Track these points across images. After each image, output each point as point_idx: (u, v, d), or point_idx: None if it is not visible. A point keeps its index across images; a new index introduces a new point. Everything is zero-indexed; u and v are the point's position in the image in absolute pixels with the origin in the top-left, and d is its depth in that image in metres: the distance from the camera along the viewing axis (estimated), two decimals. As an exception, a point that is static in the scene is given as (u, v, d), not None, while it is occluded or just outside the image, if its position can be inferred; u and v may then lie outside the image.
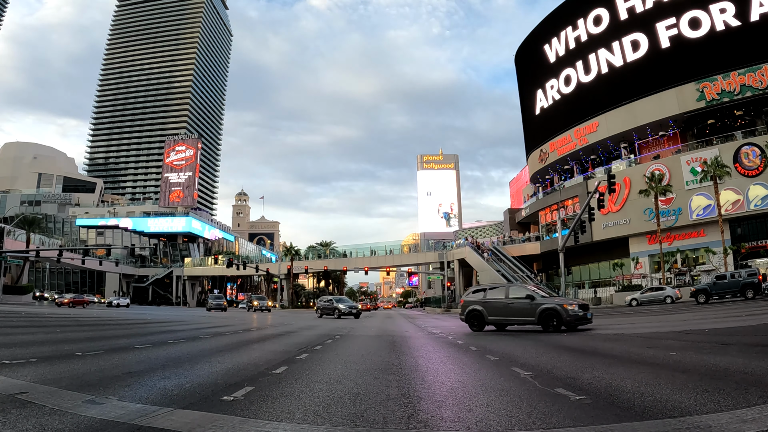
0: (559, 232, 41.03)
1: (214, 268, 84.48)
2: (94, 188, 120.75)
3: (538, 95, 60.20)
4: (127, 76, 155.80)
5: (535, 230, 61.55)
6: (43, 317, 23.84)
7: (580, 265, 53.22)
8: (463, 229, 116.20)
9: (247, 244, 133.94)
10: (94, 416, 3.95)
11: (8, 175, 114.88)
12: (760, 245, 38.11)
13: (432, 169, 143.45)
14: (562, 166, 56.91)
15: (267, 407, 4.40)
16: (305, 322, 25.10)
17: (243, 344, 11.54)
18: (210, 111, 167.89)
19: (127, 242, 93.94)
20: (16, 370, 6.17)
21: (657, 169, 41.83)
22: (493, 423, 3.82)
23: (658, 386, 4.99)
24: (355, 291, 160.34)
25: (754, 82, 39.82)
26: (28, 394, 4.73)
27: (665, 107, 44.42)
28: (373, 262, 67.44)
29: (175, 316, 30.74)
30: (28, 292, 53.53)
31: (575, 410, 4.15)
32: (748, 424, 3.48)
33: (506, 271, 52.66)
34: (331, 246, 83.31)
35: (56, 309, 38.12)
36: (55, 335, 13.04)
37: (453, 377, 6.23)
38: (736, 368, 5.86)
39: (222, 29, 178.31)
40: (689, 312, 21.08)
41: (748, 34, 40.73)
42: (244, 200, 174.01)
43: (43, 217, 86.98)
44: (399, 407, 4.41)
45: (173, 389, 5.23)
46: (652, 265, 43.24)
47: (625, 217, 44.99)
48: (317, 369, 6.98)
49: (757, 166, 37.96)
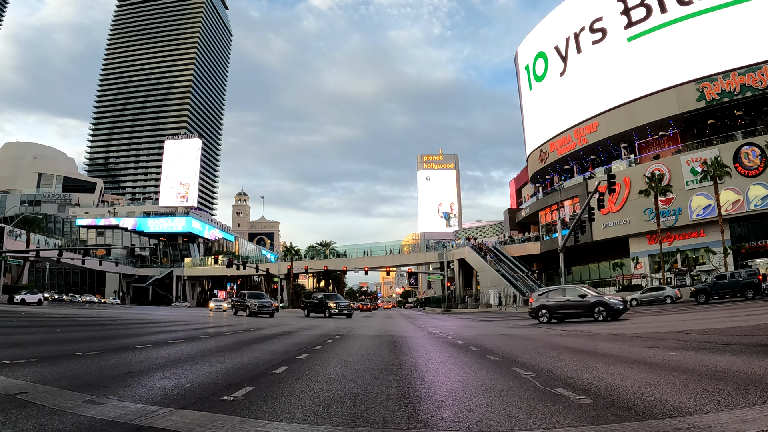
0: (559, 232, 41.04)
1: (214, 268, 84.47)
2: (94, 188, 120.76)
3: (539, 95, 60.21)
4: (127, 76, 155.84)
5: (535, 230, 61.57)
6: (43, 317, 23.83)
7: (580, 265, 53.22)
8: (463, 229, 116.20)
9: (247, 244, 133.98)
10: (94, 416, 3.95)
11: (8, 175, 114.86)
12: (760, 245, 38.10)
13: (432, 169, 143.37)
14: (562, 166, 56.92)
15: (267, 407, 4.40)
16: (305, 322, 25.10)
17: (243, 344, 11.54)
18: (210, 111, 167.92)
19: (127, 242, 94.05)
20: (16, 370, 6.17)
21: (657, 169, 41.82)
22: (493, 423, 3.82)
23: (658, 386, 4.99)
24: (355, 291, 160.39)
25: (754, 82, 39.81)
26: (28, 394, 4.72)
27: (665, 107, 44.42)
28: (373, 262, 67.45)
29: (175, 316, 30.75)
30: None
31: (575, 410, 4.14)
32: (748, 424, 3.48)
33: (506, 271, 52.68)
34: (331, 246, 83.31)
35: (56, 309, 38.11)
36: (55, 335, 13.04)
37: (453, 377, 6.23)
38: (736, 368, 5.86)
39: (222, 29, 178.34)
40: (689, 312, 21.08)
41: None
42: (244, 200, 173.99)
43: (43, 217, 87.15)
44: (399, 407, 4.41)
45: (173, 389, 5.23)
46: (652, 265, 43.23)
47: (625, 217, 44.98)
48: (317, 369, 6.97)
49: (757, 166, 37.95)
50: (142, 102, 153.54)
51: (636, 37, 47.52)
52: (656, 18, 45.92)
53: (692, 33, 43.39)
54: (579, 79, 53.20)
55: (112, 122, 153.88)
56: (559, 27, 56.51)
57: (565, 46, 55.31)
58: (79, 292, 76.47)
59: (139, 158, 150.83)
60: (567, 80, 55.12)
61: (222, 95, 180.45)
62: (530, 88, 62.77)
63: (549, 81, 58.33)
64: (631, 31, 48.04)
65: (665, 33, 45.21)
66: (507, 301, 48.79)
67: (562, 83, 55.90)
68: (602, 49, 50.71)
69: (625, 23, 48.49)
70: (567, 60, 55.20)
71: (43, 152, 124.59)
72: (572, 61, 54.37)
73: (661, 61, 45.25)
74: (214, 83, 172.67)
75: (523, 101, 65.72)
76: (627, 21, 48.35)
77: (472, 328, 18.55)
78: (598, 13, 51.19)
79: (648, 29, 46.53)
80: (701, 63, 42.49)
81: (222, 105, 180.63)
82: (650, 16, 46.35)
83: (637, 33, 47.50)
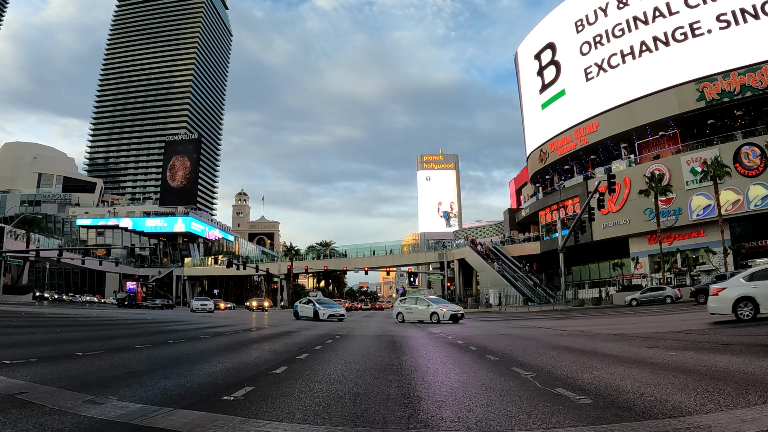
0: (559, 232, 41.09)
1: (214, 268, 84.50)
2: (94, 188, 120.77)
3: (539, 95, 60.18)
4: (127, 76, 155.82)
5: (535, 230, 61.57)
6: (43, 317, 23.84)
7: (580, 265, 53.24)
8: (463, 229, 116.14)
9: (247, 244, 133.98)
10: (94, 416, 3.95)
11: (8, 175, 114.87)
12: (760, 245, 38.10)
13: (432, 169, 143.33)
14: (562, 166, 56.91)
15: (267, 407, 4.40)
16: (305, 322, 25.10)
17: (243, 344, 11.54)
18: (210, 111, 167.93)
19: (127, 242, 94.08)
20: (16, 370, 6.17)
21: (657, 169, 41.82)
22: (493, 423, 3.82)
23: (658, 386, 4.99)
24: (355, 291, 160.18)
25: (754, 82, 39.82)
26: (28, 394, 4.73)
27: (665, 107, 44.43)
28: (373, 262, 67.44)
29: (175, 316, 30.76)
30: (28, 292, 53.47)
31: (575, 410, 4.14)
32: (748, 424, 3.48)
33: (506, 271, 52.71)
34: (331, 246, 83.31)
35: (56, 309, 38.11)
36: (55, 335, 13.04)
37: (453, 377, 6.23)
38: (736, 368, 5.86)
39: (222, 29, 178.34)
40: (689, 312, 21.06)
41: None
42: (244, 200, 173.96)
43: (43, 217, 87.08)
44: (399, 407, 4.41)
45: (173, 389, 5.23)
46: (652, 265, 43.23)
47: (625, 217, 44.98)
48: (317, 369, 6.97)
49: (757, 166, 37.95)
50: (142, 102, 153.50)
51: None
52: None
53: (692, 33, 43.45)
54: (579, 78, 53.18)
55: (112, 122, 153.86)
56: (560, 27, 56.51)
57: (566, 45, 55.30)
58: (79, 292, 76.46)
59: (139, 158, 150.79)
60: (567, 80, 55.09)
61: (222, 95, 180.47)
62: (530, 87, 62.76)
63: (549, 81, 58.28)
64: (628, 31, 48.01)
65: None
66: (507, 301, 48.82)
67: (562, 83, 55.88)
68: (601, 47, 50.68)
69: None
70: (567, 60, 55.18)
71: (43, 152, 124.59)
72: (572, 61, 54.34)
73: (662, 61, 45.28)
74: (215, 83, 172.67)
75: (524, 101, 65.73)
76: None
77: (472, 328, 18.53)
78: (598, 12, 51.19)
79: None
80: (701, 63, 42.51)
81: (222, 105, 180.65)
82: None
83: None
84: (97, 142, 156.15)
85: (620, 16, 48.99)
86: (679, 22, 44.37)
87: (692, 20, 43.54)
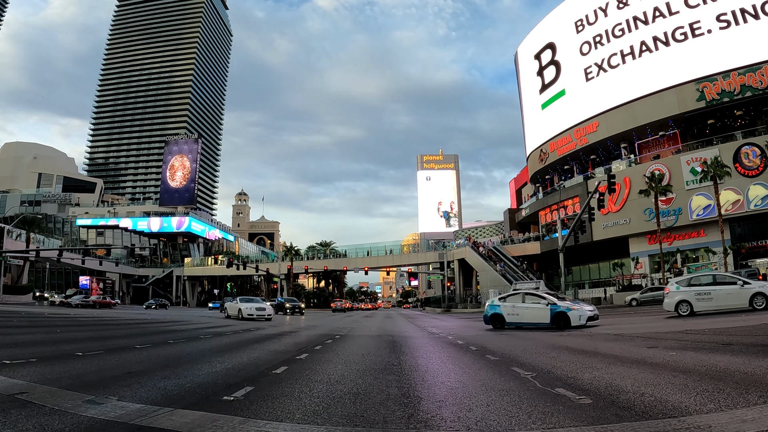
0: (559, 232, 41.04)
1: (214, 268, 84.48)
2: (94, 188, 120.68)
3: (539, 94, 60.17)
4: (127, 76, 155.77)
5: (535, 230, 61.55)
6: (43, 317, 23.84)
7: (580, 265, 53.21)
8: (463, 229, 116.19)
9: (247, 244, 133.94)
10: (94, 416, 3.95)
11: (8, 175, 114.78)
12: (760, 245, 38.10)
13: (432, 168, 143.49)
14: (562, 166, 56.91)
15: (267, 407, 4.40)
16: (305, 322, 25.11)
17: (243, 344, 11.54)
18: (210, 111, 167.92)
19: (127, 242, 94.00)
20: (16, 370, 6.17)
21: (657, 169, 41.81)
22: (493, 423, 3.82)
23: (658, 386, 4.99)
24: (355, 291, 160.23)
25: (754, 82, 39.82)
26: (28, 394, 4.73)
27: (665, 107, 44.43)
28: (373, 262, 67.43)
29: (175, 316, 30.76)
30: (28, 292, 53.50)
31: (575, 410, 4.14)
32: (748, 424, 3.48)
33: (506, 271, 52.70)
34: (331, 246, 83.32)
35: (56, 309, 38.12)
36: (55, 335, 13.05)
37: (453, 377, 6.23)
38: (736, 368, 5.86)
39: (222, 29, 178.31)
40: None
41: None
42: (244, 200, 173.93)
43: (43, 217, 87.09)
44: (399, 407, 4.41)
45: (173, 389, 5.23)
46: (652, 265, 43.23)
47: (625, 217, 44.98)
48: (317, 369, 6.97)
49: (757, 166, 37.95)
50: (142, 102, 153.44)
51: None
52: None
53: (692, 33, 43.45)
54: (579, 78, 53.19)
55: (112, 122, 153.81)
56: (560, 27, 56.51)
57: (566, 45, 55.29)
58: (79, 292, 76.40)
59: (139, 158, 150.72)
60: (567, 80, 55.10)
61: (222, 95, 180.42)
62: (530, 87, 62.76)
63: (549, 81, 58.29)
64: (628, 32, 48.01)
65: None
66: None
67: (562, 83, 55.88)
68: (601, 47, 50.67)
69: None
70: (567, 60, 55.17)
71: (43, 152, 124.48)
72: (572, 61, 54.34)
73: (661, 61, 45.29)
74: (215, 83, 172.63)
75: (524, 101, 65.73)
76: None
77: (472, 328, 18.53)
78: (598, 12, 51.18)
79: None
80: (701, 63, 42.51)
81: (222, 105, 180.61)
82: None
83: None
84: (97, 142, 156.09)
85: (620, 16, 49.04)
86: (679, 22, 44.41)
87: (692, 20, 43.63)
